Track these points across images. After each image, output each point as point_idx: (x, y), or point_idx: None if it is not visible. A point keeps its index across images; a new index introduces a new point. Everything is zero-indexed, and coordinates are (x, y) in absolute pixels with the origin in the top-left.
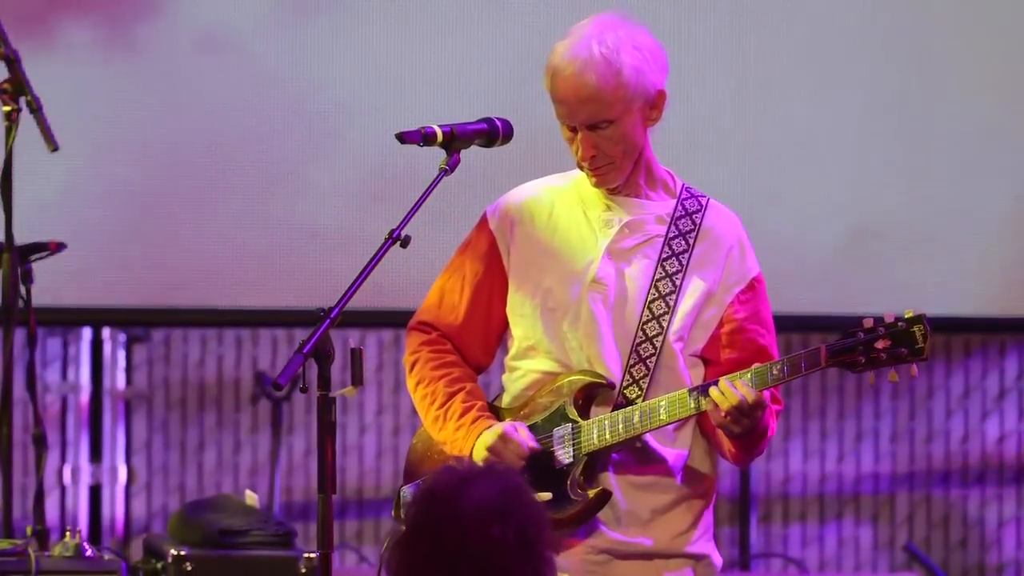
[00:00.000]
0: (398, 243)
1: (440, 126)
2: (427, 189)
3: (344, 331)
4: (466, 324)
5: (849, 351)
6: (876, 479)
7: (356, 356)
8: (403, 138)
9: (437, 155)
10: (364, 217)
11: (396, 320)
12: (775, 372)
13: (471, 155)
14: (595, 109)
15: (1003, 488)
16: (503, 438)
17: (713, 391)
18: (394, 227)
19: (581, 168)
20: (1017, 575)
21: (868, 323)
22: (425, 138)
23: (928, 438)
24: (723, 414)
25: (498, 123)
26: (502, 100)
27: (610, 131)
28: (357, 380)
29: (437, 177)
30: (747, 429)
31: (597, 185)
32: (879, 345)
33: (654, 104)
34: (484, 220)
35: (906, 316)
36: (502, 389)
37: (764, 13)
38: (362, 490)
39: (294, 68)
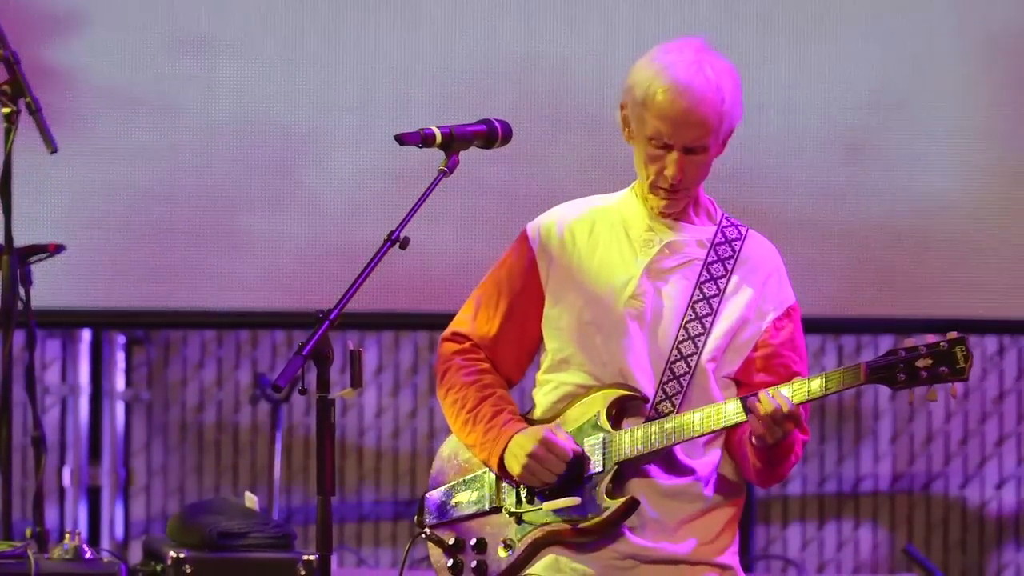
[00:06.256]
0: (397, 245)
1: (439, 128)
2: (426, 190)
3: (343, 333)
4: (500, 337)
5: (889, 368)
6: (875, 480)
7: (355, 358)
8: (402, 140)
9: (436, 156)
10: (363, 219)
11: (395, 322)
12: (813, 387)
13: (470, 156)
14: (700, 134)
15: (1002, 490)
16: (545, 443)
17: (747, 400)
18: (393, 229)
19: (653, 190)
20: None
21: (910, 343)
22: (424, 140)
23: (927, 439)
24: (759, 422)
25: (497, 124)
26: (500, 101)
27: (702, 157)
28: (356, 382)
29: (436, 179)
30: (777, 440)
31: (664, 209)
32: (920, 364)
33: (729, 134)
34: (524, 236)
35: (948, 337)
36: (533, 404)
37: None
38: (361, 492)
39: (293, 68)
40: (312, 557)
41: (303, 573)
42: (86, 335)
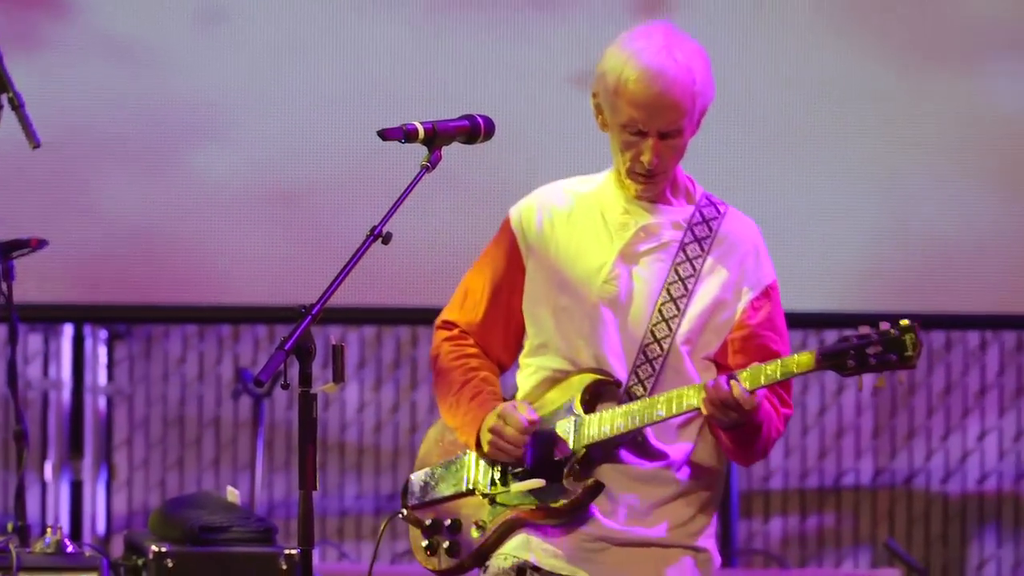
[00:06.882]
0: (379, 240)
1: (422, 123)
2: (409, 186)
3: (325, 327)
4: (487, 322)
5: (840, 355)
6: (857, 474)
7: (337, 353)
8: (384, 135)
9: (418, 152)
10: (345, 214)
11: (377, 317)
12: (768, 372)
13: (452, 151)
14: (674, 118)
15: (983, 484)
16: (501, 416)
17: (705, 386)
18: (375, 224)
19: (631, 175)
20: (997, 571)
21: (864, 329)
22: (407, 135)
23: (909, 434)
24: (709, 406)
25: (479, 120)
26: (482, 96)
27: (676, 141)
28: (338, 377)
29: (419, 174)
30: (734, 423)
31: (640, 194)
32: (870, 351)
33: (703, 115)
34: (507, 221)
35: (900, 324)
36: (516, 388)
37: None
38: (343, 486)
39: (274, 65)
40: (294, 551)
41: (285, 567)
42: (68, 330)
